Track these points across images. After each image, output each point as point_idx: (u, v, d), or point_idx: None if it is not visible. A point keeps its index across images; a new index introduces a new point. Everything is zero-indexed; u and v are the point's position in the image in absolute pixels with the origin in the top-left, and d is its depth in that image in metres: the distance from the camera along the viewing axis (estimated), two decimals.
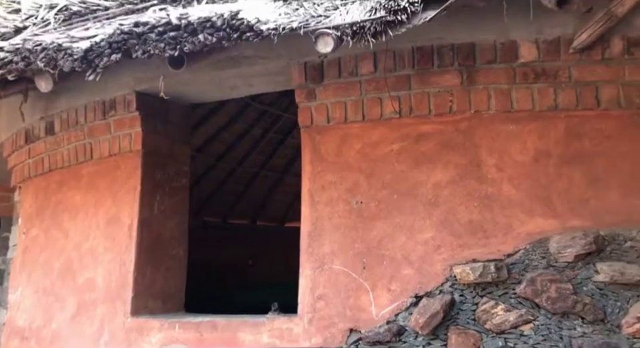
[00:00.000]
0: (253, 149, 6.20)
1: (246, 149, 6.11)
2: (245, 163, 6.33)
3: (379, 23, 1.87)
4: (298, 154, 6.10)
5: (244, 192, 6.73)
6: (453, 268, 2.41)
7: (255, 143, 6.14)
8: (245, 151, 6.14)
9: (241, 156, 6.18)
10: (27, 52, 2.08)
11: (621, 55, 2.39)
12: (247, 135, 5.89)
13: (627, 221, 2.33)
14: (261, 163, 6.49)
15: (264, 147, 6.27)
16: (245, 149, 6.11)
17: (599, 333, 2.26)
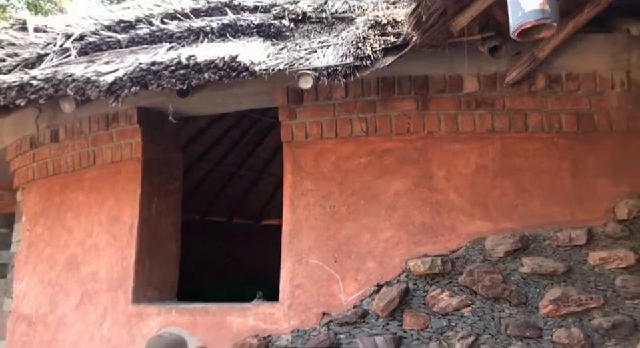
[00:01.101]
0: (231, 149, 6.54)
1: (225, 149, 6.41)
2: (223, 163, 6.70)
3: (348, 67, 2.36)
4: (275, 155, 6.58)
5: (222, 191, 7.12)
6: (408, 262, 2.91)
7: (234, 144, 6.48)
8: (223, 152, 6.45)
9: (220, 156, 6.51)
10: (59, 82, 2.48)
11: (544, 88, 2.93)
12: (225, 137, 6.16)
13: (546, 224, 2.86)
14: (238, 163, 6.85)
15: (242, 148, 6.61)
16: (224, 149, 6.41)
17: (522, 314, 2.77)
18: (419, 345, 2.82)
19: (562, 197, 2.88)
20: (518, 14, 1.10)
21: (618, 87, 2.90)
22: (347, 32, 2.63)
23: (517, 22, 1.13)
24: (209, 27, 2.82)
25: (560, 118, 2.93)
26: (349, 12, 2.92)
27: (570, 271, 2.78)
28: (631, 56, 2.88)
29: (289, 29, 2.82)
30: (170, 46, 2.70)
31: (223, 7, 3.08)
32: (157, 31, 2.89)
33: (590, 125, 2.92)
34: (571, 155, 2.92)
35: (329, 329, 2.94)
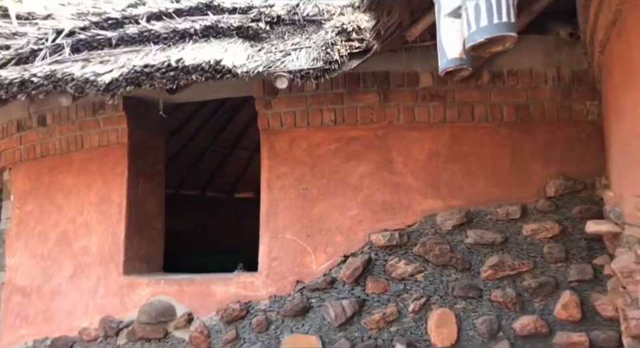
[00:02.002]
0: (203, 125, 6.73)
1: (197, 125, 6.57)
2: (195, 139, 6.93)
3: (319, 70, 2.72)
4: (246, 130, 6.87)
5: (195, 165, 7.36)
6: (371, 235, 3.33)
7: (205, 121, 6.64)
8: (196, 128, 6.59)
9: (192, 132, 6.67)
10: (59, 80, 2.75)
11: (488, 83, 3.33)
12: (197, 113, 6.29)
13: (488, 201, 3.30)
14: (211, 138, 7.04)
15: (214, 124, 6.81)
16: (196, 125, 6.56)
17: (466, 278, 3.25)
18: (379, 306, 3.27)
19: (502, 178, 3.33)
20: (443, 60, 1.45)
21: (550, 82, 3.32)
22: (318, 36, 2.97)
23: (443, 66, 1.48)
24: (192, 29, 3.10)
25: (501, 109, 3.35)
26: (319, 15, 3.25)
27: (506, 241, 3.26)
28: (561, 55, 3.30)
29: (265, 31, 3.13)
30: (158, 47, 2.99)
31: (204, 7, 3.34)
32: (145, 31, 3.14)
33: (527, 115, 3.34)
34: (510, 142, 3.35)
35: (302, 294, 3.36)
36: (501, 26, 1.31)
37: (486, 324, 3.19)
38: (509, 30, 1.33)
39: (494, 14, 1.29)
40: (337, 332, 3.29)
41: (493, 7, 1.28)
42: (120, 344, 3.62)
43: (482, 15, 1.29)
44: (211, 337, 3.43)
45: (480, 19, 1.30)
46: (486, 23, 1.30)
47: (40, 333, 3.88)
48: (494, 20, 1.29)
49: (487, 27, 1.30)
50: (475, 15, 1.30)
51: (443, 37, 1.43)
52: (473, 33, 1.31)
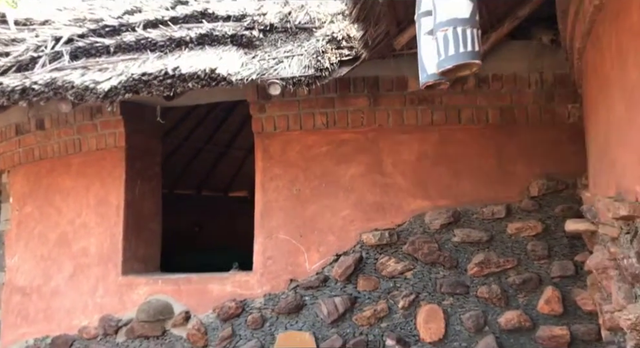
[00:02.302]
0: (198, 125, 6.83)
1: (192, 125, 6.63)
2: (190, 138, 7.03)
3: (310, 77, 2.84)
4: (241, 130, 6.98)
5: (189, 164, 7.46)
6: (362, 235, 3.44)
7: (200, 120, 6.78)
8: (190, 127, 6.67)
9: (187, 132, 6.73)
10: (59, 87, 2.84)
11: (474, 88, 3.45)
12: (192, 113, 6.31)
13: (474, 201, 3.42)
14: (205, 138, 7.16)
15: (209, 124, 6.85)
16: (191, 125, 6.62)
17: (453, 275, 3.37)
18: (370, 303, 3.39)
19: (487, 179, 3.45)
20: (424, 74, 1.58)
21: (533, 86, 3.44)
22: (309, 43, 3.09)
23: (423, 80, 1.60)
24: (188, 37, 3.19)
25: (487, 112, 3.47)
26: (310, 23, 3.36)
27: (492, 239, 3.38)
28: (544, 60, 3.42)
29: (259, 39, 3.24)
30: (155, 55, 3.10)
31: (199, 15, 3.45)
32: (142, 38, 3.24)
33: (511, 118, 3.46)
34: (495, 144, 3.47)
35: (295, 292, 3.47)
36: (466, 54, 1.44)
37: (472, 319, 3.32)
38: (474, 58, 1.46)
39: (460, 44, 1.42)
40: (329, 328, 3.41)
41: (459, 38, 1.41)
42: (119, 342, 3.73)
43: (450, 44, 1.42)
44: (208, 334, 3.55)
45: (448, 48, 1.43)
46: (453, 52, 1.43)
47: (40, 331, 3.98)
48: (460, 49, 1.42)
49: (455, 55, 1.43)
50: (444, 45, 1.43)
51: (423, 53, 1.56)
52: (443, 60, 1.45)
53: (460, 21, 1.41)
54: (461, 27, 1.41)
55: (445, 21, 1.43)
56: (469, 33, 1.42)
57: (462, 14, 1.40)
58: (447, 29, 1.42)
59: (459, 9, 1.40)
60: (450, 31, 1.42)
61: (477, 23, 1.47)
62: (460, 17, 1.41)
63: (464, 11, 1.40)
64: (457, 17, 1.41)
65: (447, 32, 1.42)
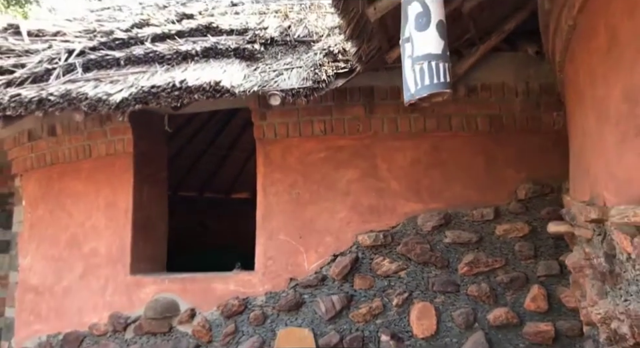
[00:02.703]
0: (201, 128, 7.05)
1: (195, 128, 6.78)
2: (193, 141, 7.22)
3: (308, 89, 3.04)
4: (243, 132, 7.16)
5: (193, 167, 7.65)
6: (358, 236, 3.62)
7: (203, 123, 7.00)
8: (193, 130, 6.81)
9: (190, 134, 6.87)
10: (73, 98, 3.05)
11: (464, 96, 3.62)
12: (195, 117, 6.63)
13: (465, 204, 3.60)
14: (208, 140, 7.42)
15: (211, 126, 7.08)
16: (194, 128, 6.78)
17: (444, 274, 3.56)
18: (366, 301, 3.57)
19: (477, 183, 3.63)
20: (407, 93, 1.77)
21: (520, 95, 3.62)
22: (307, 56, 3.29)
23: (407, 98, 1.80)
24: (194, 50, 3.40)
25: (476, 120, 3.65)
26: (309, 37, 3.56)
27: (481, 240, 3.56)
28: (530, 70, 3.59)
29: (260, 52, 3.44)
30: (163, 68, 3.30)
31: (204, 29, 3.66)
32: (150, 52, 3.45)
33: (499, 125, 3.64)
34: (484, 150, 3.65)
35: (295, 290, 3.65)
36: (439, 84, 1.64)
37: (463, 316, 3.50)
38: (445, 88, 1.67)
39: (434, 76, 1.62)
40: (327, 325, 3.59)
41: (433, 71, 1.61)
42: (128, 338, 3.92)
43: (425, 76, 1.63)
44: (212, 331, 3.74)
45: (424, 79, 1.63)
46: (428, 82, 1.63)
47: (53, 328, 4.17)
48: (434, 80, 1.63)
49: (429, 85, 1.63)
50: (421, 76, 1.64)
51: (407, 74, 1.76)
52: (419, 89, 1.65)
53: (433, 56, 1.61)
54: (434, 62, 1.61)
55: (421, 55, 1.64)
56: (441, 66, 1.62)
57: (435, 50, 1.61)
58: (422, 63, 1.63)
59: (432, 45, 1.61)
60: (425, 65, 1.62)
61: (447, 58, 1.68)
62: (433, 53, 1.61)
63: (437, 47, 1.61)
64: (430, 52, 1.62)
65: (422, 65, 1.63)
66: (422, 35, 1.61)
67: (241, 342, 3.68)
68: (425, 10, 1.61)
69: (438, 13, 1.62)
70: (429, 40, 1.62)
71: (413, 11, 1.66)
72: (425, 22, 1.62)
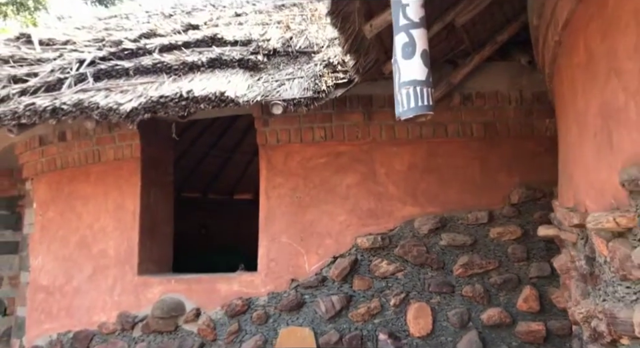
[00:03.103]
0: (204, 131, 7.16)
1: (198, 131, 6.86)
2: (196, 144, 7.37)
3: (309, 99, 3.21)
4: (245, 135, 7.33)
5: (196, 169, 7.80)
6: (357, 239, 3.77)
7: (206, 127, 7.05)
8: (197, 133, 6.90)
9: (194, 137, 6.96)
10: (85, 108, 3.22)
11: (459, 104, 3.77)
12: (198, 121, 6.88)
13: (460, 208, 3.75)
14: (211, 143, 7.54)
15: (214, 129, 7.21)
16: (197, 131, 6.85)
17: (440, 276, 3.70)
18: (365, 301, 3.71)
19: (472, 187, 3.77)
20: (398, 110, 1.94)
21: (513, 103, 3.76)
22: (308, 67, 3.45)
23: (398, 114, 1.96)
24: (200, 61, 3.56)
25: (471, 126, 3.80)
26: (309, 48, 3.72)
27: (476, 243, 3.71)
28: (523, 79, 3.74)
29: (263, 62, 3.59)
30: (170, 78, 3.47)
31: (209, 40, 3.82)
32: (158, 62, 3.61)
33: (493, 132, 3.79)
34: (479, 155, 3.80)
35: (296, 291, 3.80)
36: (423, 107, 1.82)
37: (457, 316, 3.65)
38: (428, 110, 1.85)
39: (418, 99, 1.79)
40: (327, 324, 3.74)
41: (418, 95, 1.78)
42: (135, 336, 4.09)
43: (411, 99, 1.79)
44: (217, 329, 3.89)
45: (410, 102, 1.80)
46: (413, 105, 1.79)
47: (63, 326, 4.34)
48: (418, 103, 1.79)
49: (414, 107, 1.80)
50: (407, 99, 1.80)
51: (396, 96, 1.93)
52: (405, 111, 1.82)
53: (418, 82, 1.78)
54: (419, 87, 1.78)
55: (407, 81, 1.81)
56: (425, 91, 1.78)
57: (419, 77, 1.77)
58: (409, 88, 1.80)
59: (417, 73, 1.78)
60: (411, 89, 1.79)
61: (430, 84, 1.85)
62: (418, 79, 1.78)
63: (421, 74, 1.77)
64: (415, 78, 1.78)
65: (408, 90, 1.79)
66: (408, 62, 1.78)
67: (244, 340, 3.83)
68: (411, 40, 1.78)
69: (422, 43, 1.79)
70: (414, 67, 1.78)
71: (400, 40, 1.83)
72: (410, 51, 1.78)
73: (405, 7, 1.77)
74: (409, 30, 1.79)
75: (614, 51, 1.92)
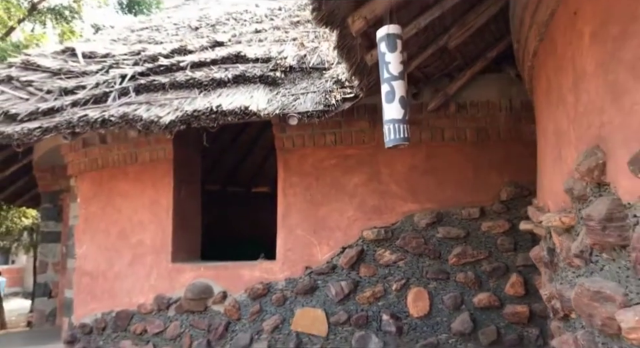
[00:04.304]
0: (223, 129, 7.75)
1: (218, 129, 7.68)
2: (217, 140, 7.90)
3: (320, 112, 3.72)
4: (262, 133, 7.85)
5: (216, 163, 8.34)
6: (363, 232, 4.24)
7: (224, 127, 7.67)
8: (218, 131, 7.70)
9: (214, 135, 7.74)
10: (130, 120, 3.78)
11: (454, 112, 4.19)
12: None
13: (455, 204, 4.18)
14: (230, 139, 8.05)
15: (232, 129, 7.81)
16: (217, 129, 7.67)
17: (436, 264, 4.16)
18: (370, 286, 4.20)
19: (466, 187, 4.20)
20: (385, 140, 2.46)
21: (504, 110, 4.17)
22: (320, 82, 3.96)
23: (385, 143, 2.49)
24: (226, 77, 4.06)
25: (465, 132, 4.23)
26: (321, 64, 4.21)
27: (468, 235, 4.15)
28: (512, 89, 4.14)
29: (280, 78, 4.09)
30: (201, 93, 3.99)
31: (234, 57, 4.34)
32: (189, 78, 4.14)
33: (485, 136, 4.21)
34: (472, 158, 4.22)
35: (310, 277, 4.30)
36: (400, 139, 2.32)
37: (452, 299, 4.12)
38: (405, 141, 2.35)
39: (397, 133, 2.30)
40: (337, 306, 4.23)
41: (397, 130, 2.28)
42: (170, 315, 4.66)
43: (392, 133, 2.30)
44: (241, 310, 4.43)
45: (391, 135, 2.31)
46: (393, 137, 2.30)
47: (106, 307, 4.93)
48: (398, 136, 2.30)
49: (394, 139, 2.30)
50: (389, 133, 2.31)
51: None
52: (388, 141, 2.34)
53: (396, 120, 2.28)
54: (397, 124, 2.28)
55: (388, 119, 2.31)
56: (402, 127, 2.29)
57: (397, 116, 2.28)
58: (389, 125, 2.31)
59: (396, 113, 2.28)
60: (391, 126, 2.29)
61: (406, 121, 2.34)
62: (396, 118, 2.28)
63: (399, 114, 2.28)
64: (394, 118, 2.29)
65: (389, 126, 2.31)
66: (389, 105, 2.28)
67: (264, 319, 4.37)
68: (392, 89, 2.28)
69: (400, 91, 2.28)
70: (393, 109, 2.28)
71: (384, 89, 2.34)
72: (391, 97, 2.28)
73: (387, 64, 2.27)
74: (390, 82, 2.30)
75: (561, 85, 2.41)
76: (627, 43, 1.73)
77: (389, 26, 2.27)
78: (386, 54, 2.26)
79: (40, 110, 4.18)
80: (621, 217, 1.81)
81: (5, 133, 4.06)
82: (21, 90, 4.67)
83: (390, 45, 2.25)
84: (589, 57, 2.03)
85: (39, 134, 3.98)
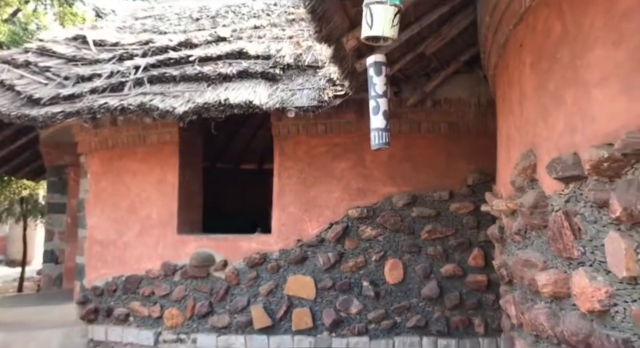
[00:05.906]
0: None
1: None
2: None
3: (314, 107, 4.29)
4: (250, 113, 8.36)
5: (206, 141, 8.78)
6: (348, 210, 4.83)
7: None
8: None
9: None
10: (148, 108, 4.30)
11: (430, 107, 4.76)
12: None
13: (428, 188, 4.76)
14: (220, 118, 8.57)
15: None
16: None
17: (410, 239, 4.76)
18: (353, 257, 4.77)
19: (438, 173, 4.79)
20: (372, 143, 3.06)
21: (473, 107, 4.74)
22: (314, 79, 4.53)
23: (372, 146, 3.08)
24: (231, 72, 4.56)
25: (439, 125, 4.80)
26: (316, 63, 4.77)
27: (438, 215, 4.75)
28: (480, 88, 4.68)
29: (279, 75, 4.64)
30: (209, 87, 4.51)
31: (237, 54, 4.85)
32: (198, 72, 4.66)
33: (456, 130, 4.79)
34: (445, 148, 4.79)
35: (301, 249, 4.86)
36: (383, 144, 2.92)
37: (422, 269, 4.76)
38: (386, 145, 2.93)
39: (381, 139, 2.91)
40: (324, 274, 4.82)
41: (381, 137, 2.89)
42: (176, 280, 5.21)
43: (376, 138, 2.91)
44: (239, 276, 5.00)
45: (376, 140, 2.92)
46: (377, 142, 2.92)
47: (117, 272, 5.42)
48: (381, 141, 2.92)
49: (378, 144, 2.91)
50: (374, 138, 2.92)
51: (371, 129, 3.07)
52: (374, 145, 2.96)
53: (380, 129, 2.90)
54: (380, 132, 2.90)
55: (374, 128, 2.93)
56: (384, 134, 2.90)
57: (381, 125, 2.88)
58: (375, 132, 2.93)
59: (379, 123, 2.89)
60: (376, 133, 2.91)
61: (389, 129, 2.93)
62: (380, 127, 2.90)
63: (382, 124, 2.89)
64: (379, 127, 2.90)
65: (375, 133, 2.92)
66: (375, 117, 2.88)
67: (260, 285, 4.95)
68: (377, 105, 2.88)
69: (384, 106, 2.88)
70: (379, 120, 2.89)
71: (370, 104, 2.95)
72: (377, 111, 2.88)
73: (374, 85, 2.87)
74: (376, 98, 2.90)
75: (512, 98, 3.02)
76: (551, 77, 2.34)
77: (376, 55, 2.87)
78: (373, 77, 2.85)
79: (61, 95, 4.65)
80: (544, 205, 2.45)
81: (30, 115, 4.54)
82: (39, 75, 5.11)
83: (376, 70, 2.85)
84: (529, 82, 2.65)
85: (62, 118, 4.46)
